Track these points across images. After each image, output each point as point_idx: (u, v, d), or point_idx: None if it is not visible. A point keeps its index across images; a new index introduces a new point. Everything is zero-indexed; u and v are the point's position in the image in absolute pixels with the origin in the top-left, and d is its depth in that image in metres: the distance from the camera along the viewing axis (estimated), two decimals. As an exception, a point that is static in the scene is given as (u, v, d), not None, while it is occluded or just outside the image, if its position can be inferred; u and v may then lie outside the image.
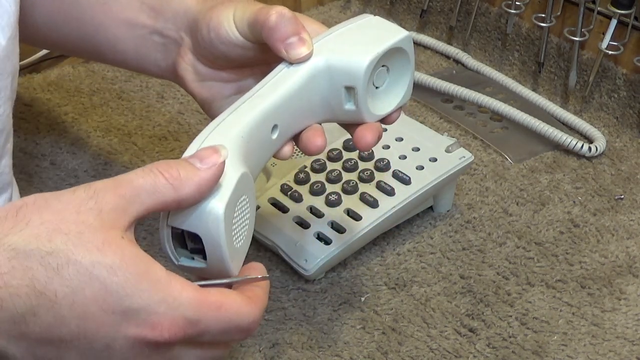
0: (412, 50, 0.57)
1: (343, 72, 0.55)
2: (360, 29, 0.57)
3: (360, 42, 0.55)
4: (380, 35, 0.56)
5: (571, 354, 0.64)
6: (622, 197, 0.80)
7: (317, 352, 0.64)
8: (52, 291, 0.42)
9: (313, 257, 0.69)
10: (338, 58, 0.55)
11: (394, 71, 0.57)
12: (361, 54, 0.54)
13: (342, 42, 0.56)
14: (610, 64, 0.90)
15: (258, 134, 0.54)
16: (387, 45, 0.55)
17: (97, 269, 0.42)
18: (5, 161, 0.60)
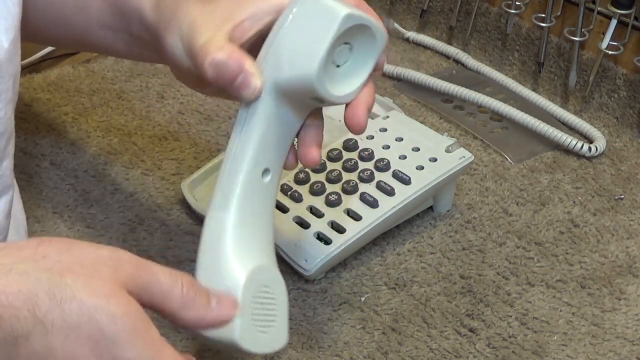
0: (373, 23, 0.53)
1: (300, 90, 0.53)
2: (298, 24, 0.52)
3: (302, 46, 0.51)
4: (319, 26, 0.51)
5: (571, 354, 0.64)
6: (622, 197, 0.80)
7: (317, 352, 0.64)
8: (50, 321, 0.42)
9: (313, 257, 0.69)
10: (287, 77, 0.52)
11: (358, 47, 0.53)
12: (307, 64, 0.51)
13: (286, 53, 0.52)
14: (610, 64, 0.90)
15: (253, 199, 0.54)
16: (328, 41, 0.51)
17: (98, 312, 0.43)
18: (6, 163, 0.60)
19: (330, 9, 0.51)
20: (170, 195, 0.79)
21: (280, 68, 0.52)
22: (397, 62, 1.02)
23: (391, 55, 1.03)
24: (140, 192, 0.80)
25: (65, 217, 0.77)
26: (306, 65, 0.51)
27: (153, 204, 0.78)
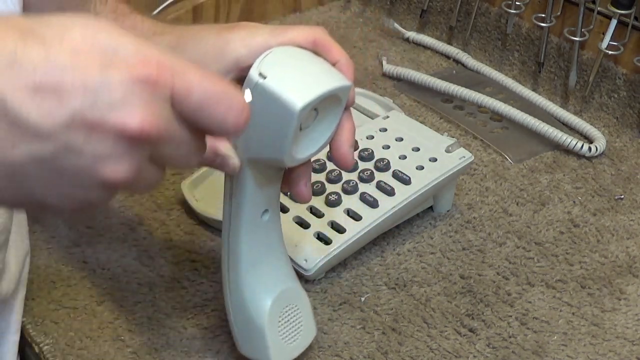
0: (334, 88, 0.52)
1: (273, 164, 0.55)
2: (257, 112, 0.50)
3: (266, 136, 0.52)
4: (278, 119, 0.51)
5: (571, 354, 0.64)
6: (622, 197, 0.80)
7: (317, 352, 0.64)
8: (41, 35, 0.39)
9: (313, 257, 0.69)
10: (259, 157, 0.54)
11: (323, 108, 0.53)
12: (274, 152, 0.52)
13: (254, 138, 0.52)
14: (610, 64, 0.90)
15: (259, 238, 0.58)
16: (290, 134, 0.51)
17: (88, 20, 0.41)
18: None
19: (284, 103, 0.50)
20: (170, 195, 0.79)
21: (251, 149, 0.53)
22: (397, 62, 1.02)
23: (391, 55, 1.03)
24: (140, 192, 0.80)
25: (65, 217, 0.77)
26: (274, 152, 0.52)
27: (153, 204, 0.78)
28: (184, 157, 0.44)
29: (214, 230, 0.75)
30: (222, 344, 0.64)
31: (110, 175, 0.40)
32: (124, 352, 0.64)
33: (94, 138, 0.39)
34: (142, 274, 0.71)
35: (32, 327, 0.67)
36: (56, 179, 0.40)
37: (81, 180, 0.40)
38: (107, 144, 0.39)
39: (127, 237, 0.75)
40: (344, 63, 0.55)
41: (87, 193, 0.41)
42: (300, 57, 0.53)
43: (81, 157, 0.39)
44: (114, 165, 0.40)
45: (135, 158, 0.41)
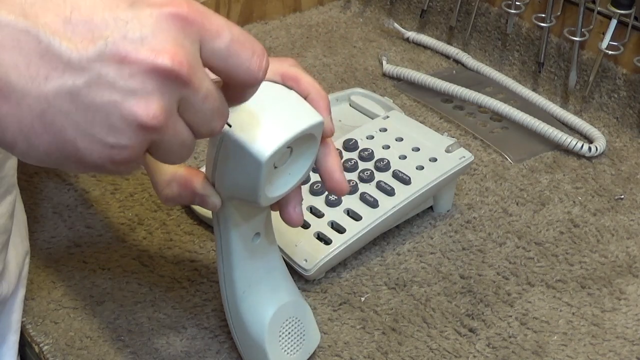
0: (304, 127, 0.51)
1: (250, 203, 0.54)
2: (229, 158, 0.51)
3: (239, 180, 0.51)
4: (247, 167, 0.50)
5: (571, 354, 0.64)
6: (622, 197, 0.80)
7: (317, 352, 0.64)
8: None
9: (313, 257, 0.69)
10: (236, 197, 0.53)
11: (298, 145, 0.52)
12: (248, 194, 0.52)
13: (229, 181, 0.52)
14: (610, 64, 0.90)
15: (252, 261, 0.58)
16: (260, 181, 0.50)
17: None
18: (10, 163, 0.60)
19: (250, 153, 0.49)
20: (170, 195, 0.79)
21: (227, 190, 0.53)
22: (397, 62, 1.02)
23: (391, 55, 1.03)
24: (140, 192, 0.80)
25: (65, 217, 0.77)
26: (249, 195, 0.52)
27: (153, 204, 0.78)
28: (208, 117, 0.43)
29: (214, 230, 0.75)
30: (222, 344, 0.65)
31: (140, 113, 0.40)
32: (124, 352, 0.64)
33: (124, 71, 0.39)
34: (142, 274, 0.71)
35: (32, 327, 0.67)
36: (87, 116, 0.39)
37: (112, 119, 0.40)
38: (137, 78, 0.39)
39: (127, 237, 0.75)
40: (315, 96, 0.53)
41: (118, 137, 0.40)
42: (269, 96, 0.51)
43: (112, 91, 0.39)
44: (144, 101, 0.40)
45: (165, 97, 0.40)
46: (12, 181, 0.61)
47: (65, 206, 0.78)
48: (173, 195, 0.54)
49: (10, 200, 0.61)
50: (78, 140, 0.40)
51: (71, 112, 0.39)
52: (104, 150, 0.40)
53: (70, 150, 0.40)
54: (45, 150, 0.40)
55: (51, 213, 0.77)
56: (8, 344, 0.66)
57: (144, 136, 0.41)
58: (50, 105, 0.39)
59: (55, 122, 0.39)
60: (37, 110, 0.39)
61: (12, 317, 0.66)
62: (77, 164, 0.41)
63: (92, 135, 0.40)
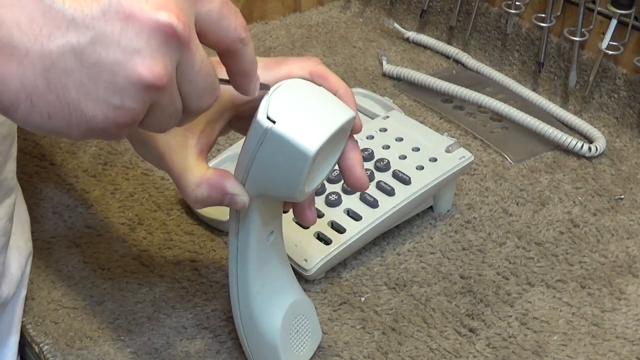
0: (342, 123, 0.52)
1: (283, 200, 0.55)
2: (270, 156, 0.51)
3: (280, 176, 0.52)
4: (291, 162, 0.51)
5: (571, 354, 0.64)
6: (622, 197, 0.80)
7: (317, 352, 0.64)
8: None
9: (313, 257, 0.69)
10: (271, 195, 0.54)
11: (331, 146, 0.53)
12: (288, 191, 0.52)
13: (267, 178, 0.52)
14: (610, 64, 0.90)
15: (265, 258, 0.58)
16: (304, 175, 0.51)
17: None
18: (9, 165, 0.60)
19: (298, 148, 0.50)
20: (170, 195, 0.79)
21: (262, 188, 0.53)
22: (397, 62, 1.02)
23: (391, 55, 1.03)
24: (140, 192, 0.80)
25: (65, 217, 0.77)
26: (287, 191, 0.52)
27: (153, 204, 0.78)
28: (200, 89, 0.44)
29: (214, 230, 0.75)
30: (222, 344, 0.64)
31: (145, 72, 0.40)
32: (124, 352, 0.64)
33: (129, 29, 0.39)
34: (142, 274, 0.71)
35: (32, 327, 0.67)
36: (91, 76, 0.39)
37: (116, 78, 0.40)
38: (142, 36, 0.39)
39: (127, 237, 0.75)
40: (343, 92, 0.55)
41: (123, 97, 0.40)
42: (304, 93, 0.53)
43: (117, 49, 0.39)
44: (149, 60, 0.40)
45: (167, 58, 0.41)
46: (11, 184, 0.61)
47: (65, 206, 0.78)
48: (203, 197, 0.53)
49: (10, 203, 0.61)
50: (82, 101, 0.40)
51: (75, 71, 0.39)
52: (108, 111, 0.40)
53: (74, 111, 0.40)
54: (47, 111, 0.40)
55: (51, 213, 0.77)
56: (8, 344, 0.66)
57: (147, 96, 0.41)
58: (54, 64, 0.39)
59: (59, 81, 0.39)
60: (40, 69, 0.39)
61: (13, 317, 0.66)
62: (80, 128, 0.41)
63: (96, 95, 0.40)
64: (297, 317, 0.60)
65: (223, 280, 0.70)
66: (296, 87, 0.52)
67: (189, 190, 0.54)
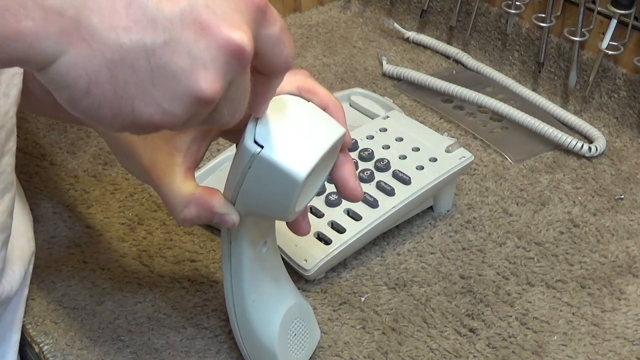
0: (332, 144, 0.52)
1: (273, 219, 0.55)
2: (259, 179, 0.50)
3: (270, 198, 0.51)
4: (281, 186, 0.50)
5: (571, 354, 0.64)
6: (622, 197, 0.80)
7: (317, 352, 0.64)
8: None
9: (313, 257, 0.69)
10: (260, 214, 0.54)
11: (321, 164, 0.52)
12: (278, 212, 0.52)
13: (256, 199, 0.52)
14: (610, 64, 0.90)
15: (260, 268, 0.58)
16: (294, 199, 0.50)
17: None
18: (6, 160, 0.60)
19: (287, 174, 0.49)
20: (170, 195, 0.79)
21: (252, 207, 0.53)
22: (397, 62, 1.02)
23: (391, 55, 1.03)
24: (140, 192, 0.80)
25: (65, 217, 0.77)
26: (278, 213, 0.52)
27: (153, 204, 0.78)
28: (233, 109, 0.44)
29: (214, 230, 0.75)
30: (222, 344, 0.65)
31: (204, 86, 0.40)
32: (124, 352, 0.64)
33: (201, 41, 0.39)
34: (142, 274, 0.71)
35: (32, 327, 0.67)
36: (154, 77, 0.39)
37: (175, 86, 0.40)
38: (211, 51, 0.40)
39: (127, 237, 0.75)
40: (333, 107, 0.54)
41: (174, 104, 0.40)
42: (293, 112, 0.51)
43: (185, 58, 0.39)
44: (212, 76, 0.40)
45: (227, 76, 0.41)
46: (10, 178, 0.61)
47: (65, 206, 0.78)
48: (192, 217, 0.53)
49: (10, 198, 0.61)
50: (136, 99, 0.40)
51: (141, 69, 0.39)
52: (156, 114, 0.40)
53: (124, 107, 0.40)
54: (99, 101, 0.40)
55: (51, 213, 0.77)
56: (10, 343, 0.66)
57: (196, 108, 0.41)
58: (123, 58, 0.39)
59: (122, 76, 0.39)
60: (108, 59, 0.38)
61: (15, 316, 0.66)
62: (122, 122, 0.41)
63: (151, 97, 0.40)
64: (294, 321, 0.60)
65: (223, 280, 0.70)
66: (284, 105, 0.51)
67: (177, 210, 0.53)
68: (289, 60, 0.45)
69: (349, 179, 0.55)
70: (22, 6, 0.36)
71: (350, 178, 0.55)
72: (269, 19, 0.43)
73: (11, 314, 0.66)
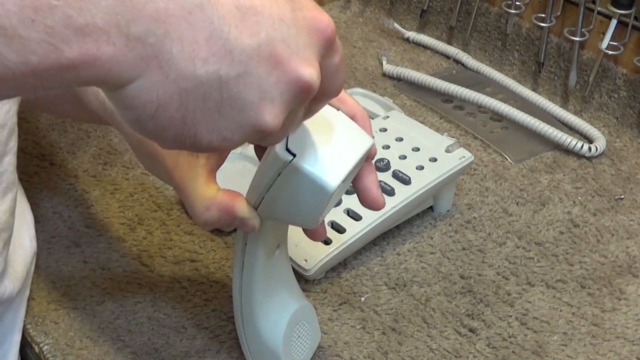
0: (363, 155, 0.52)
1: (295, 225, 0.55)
2: (288, 186, 0.50)
3: (297, 206, 0.51)
4: (311, 195, 0.50)
5: (571, 354, 0.64)
6: (622, 197, 0.80)
7: (317, 352, 0.64)
8: None
9: (313, 257, 0.69)
10: (284, 220, 0.54)
11: (349, 176, 0.53)
12: (305, 221, 0.52)
13: (282, 206, 0.51)
14: (610, 64, 0.90)
15: (271, 271, 0.58)
16: (322, 207, 0.51)
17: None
18: (8, 159, 0.60)
19: (318, 183, 0.49)
20: (170, 195, 0.79)
21: (276, 214, 0.52)
22: (397, 62, 1.02)
23: (391, 55, 1.03)
24: (140, 192, 0.80)
25: (65, 217, 0.77)
26: (303, 221, 0.52)
27: (153, 204, 0.78)
28: (284, 133, 0.45)
29: (214, 230, 0.75)
30: (222, 344, 0.65)
31: (268, 120, 0.40)
32: (124, 352, 0.64)
33: (273, 76, 0.39)
34: (142, 274, 0.71)
35: (32, 327, 0.67)
36: (223, 108, 0.39)
37: (240, 117, 0.40)
38: (281, 86, 0.40)
39: (127, 237, 0.75)
40: (360, 116, 0.54)
41: (235, 133, 0.40)
42: (324, 121, 0.51)
43: (255, 91, 0.39)
44: (277, 110, 0.40)
45: (290, 110, 0.41)
46: (12, 178, 0.61)
47: (65, 206, 0.78)
48: (213, 220, 0.53)
49: (12, 197, 0.61)
50: (201, 126, 0.40)
51: (211, 99, 0.39)
52: (217, 140, 0.41)
53: (187, 131, 0.40)
54: (164, 124, 0.40)
55: (51, 213, 0.77)
56: (11, 343, 0.66)
57: (253, 137, 0.41)
58: (196, 88, 0.39)
59: (192, 104, 0.39)
60: (182, 88, 0.38)
61: (17, 315, 0.66)
62: (179, 144, 0.41)
63: (215, 125, 0.40)
64: (299, 323, 0.60)
65: (223, 280, 0.70)
66: (315, 114, 0.51)
67: (198, 212, 0.53)
68: (341, 87, 0.46)
69: (372, 189, 0.55)
70: (104, 32, 0.36)
71: (373, 188, 0.55)
72: (334, 49, 0.43)
73: (13, 313, 0.66)
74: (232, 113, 0.40)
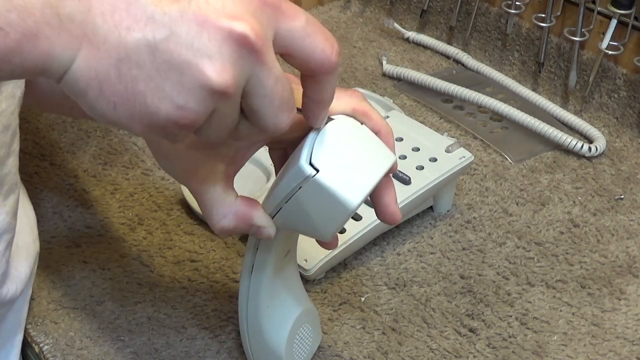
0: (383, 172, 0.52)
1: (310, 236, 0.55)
2: (308, 200, 0.50)
3: (315, 220, 0.51)
4: (331, 210, 0.50)
5: (571, 354, 0.64)
6: (622, 197, 0.80)
7: (317, 352, 0.64)
8: None
9: (313, 257, 0.69)
10: (300, 231, 0.54)
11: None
12: (321, 234, 0.52)
13: (299, 217, 0.51)
14: (610, 64, 0.90)
15: (280, 275, 0.58)
16: (341, 222, 0.51)
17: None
18: (11, 161, 0.60)
19: (340, 200, 0.49)
20: (170, 195, 0.79)
21: (292, 224, 0.52)
22: (397, 62, 1.02)
23: (391, 55, 1.03)
24: (140, 192, 0.80)
25: (65, 217, 0.77)
26: (320, 234, 0.52)
27: (153, 204, 0.78)
28: (276, 105, 0.44)
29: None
30: (222, 344, 0.65)
31: (212, 76, 0.40)
32: (124, 352, 0.64)
33: (203, 34, 0.40)
34: (142, 274, 0.71)
35: (32, 327, 0.67)
36: (161, 72, 0.40)
37: (184, 78, 0.41)
38: (214, 43, 0.40)
39: (127, 237, 0.75)
40: (385, 133, 0.53)
41: (187, 98, 0.41)
42: (349, 136, 0.51)
43: (189, 50, 0.40)
44: (218, 65, 0.40)
45: (237, 67, 0.41)
46: (14, 179, 0.61)
47: (65, 206, 0.78)
48: (229, 228, 0.53)
49: (14, 199, 0.61)
50: (148, 95, 0.41)
51: (147, 64, 0.40)
52: (172, 109, 0.41)
53: (138, 104, 0.41)
54: (114, 101, 0.41)
55: (51, 213, 0.77)
56: (14, 343, 0.66)
57: (211, 101, 0.41)
58: (128, 55, 0.40)
59: (130, 73, 0.40)
60: (114, 59, 0.40)
61: (20, 316, 0.66)
62: (142, 121, 0.42)
63: (162, 92, 0.41)
64: (302, 326, 0.61)
65: (223, 280, 0.70)
66: (340, 127, 0.50)
67: (215, 219, 0.53)
68: (326, 54, 0.45)
69: (390, 204, 0.54)
70: (41, 13, 0.38)
71: (392, 203, 0.55)
72: (286, 14, 0.43)
73: (15, 314, 0.66)
74: (174, 76, 0.40)
